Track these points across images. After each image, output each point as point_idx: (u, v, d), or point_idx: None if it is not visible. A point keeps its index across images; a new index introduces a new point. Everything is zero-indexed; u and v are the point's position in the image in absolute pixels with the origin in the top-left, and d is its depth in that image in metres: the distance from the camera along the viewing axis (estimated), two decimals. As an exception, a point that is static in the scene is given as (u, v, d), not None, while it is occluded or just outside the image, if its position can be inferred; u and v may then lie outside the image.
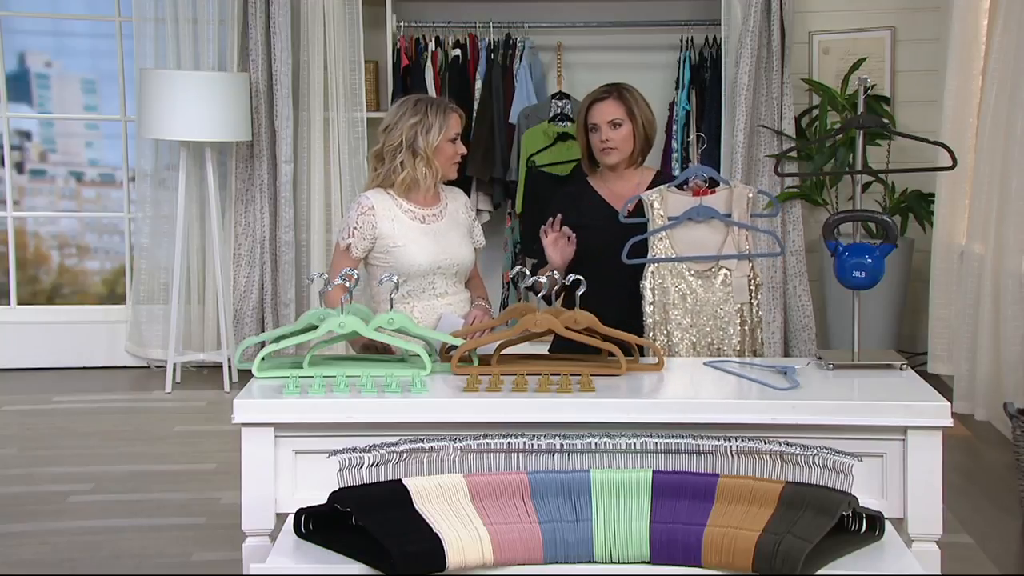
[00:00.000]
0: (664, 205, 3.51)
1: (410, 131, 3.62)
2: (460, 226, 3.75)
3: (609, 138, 3.73)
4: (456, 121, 3.69)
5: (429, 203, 3.72)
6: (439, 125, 3.63)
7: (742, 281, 3.51)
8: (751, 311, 3.52)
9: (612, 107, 3.74)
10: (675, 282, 3.52)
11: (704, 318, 3.51)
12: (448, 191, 3.80)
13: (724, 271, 3.51)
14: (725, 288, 3.51)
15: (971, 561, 3.95)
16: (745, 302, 3.51)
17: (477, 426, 2.73)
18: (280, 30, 6.47)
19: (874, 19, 6.68)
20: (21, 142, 7.30)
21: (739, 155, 6.33)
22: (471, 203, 3.91)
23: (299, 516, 2.64)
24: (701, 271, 3.51)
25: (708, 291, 3.51)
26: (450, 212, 3.75)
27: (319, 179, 6.65)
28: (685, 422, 2.74)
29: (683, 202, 3.51)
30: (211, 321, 6.68)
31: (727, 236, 3.50)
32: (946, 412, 2.77)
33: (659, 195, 3.53)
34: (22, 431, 5.68)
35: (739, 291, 3.50)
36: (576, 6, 6.79)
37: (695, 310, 3.51)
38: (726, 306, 3.51)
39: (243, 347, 3.36)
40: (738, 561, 2.42)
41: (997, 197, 5.31)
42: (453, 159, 3.70)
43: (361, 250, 3.64)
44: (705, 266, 3.51)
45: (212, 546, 4.10)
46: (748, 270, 3.52)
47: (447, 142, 3.65)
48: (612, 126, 3.73)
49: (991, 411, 5.27)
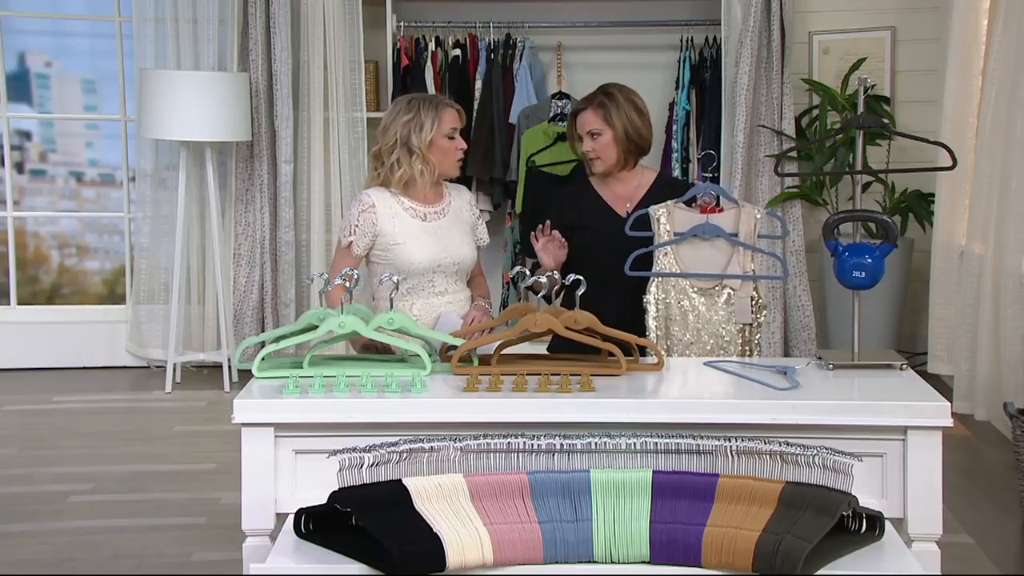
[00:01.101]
0: (671, 220, 3.52)
1: (403, 129, 3.63)
2: (463, 224, 3.75)
3: (590, 148, 3.75)
4: (452, 116, 3.67)
5: (431, 201, 3.71)
6: (431, 121, 3.62)
7: (745, 302, 3.50)
8: (751, 333, 3.52)
9: (590, 117, 3.75)
10: (678, 298, 3.52)
11: (705, 336, 3.51)
12: (452, 188, 3.80)
13: (728, 290, 3.51)
14: (728, 307, 3.50)
15: (971, 561, 3.95)
16: (747, 323, 3.51)
17: (477, 426, 2.73)
18: (280, 30, 6.47)
19: (874, 19, 6.68)
20: (21, 142, 7.30)
21: (739, 155, 6.33)
22: (475, 201, 3.90)
23: (299, 516, 2.64)
24: (705, 289, 3.51)
25: (711, 309, 3.51)
26: (453, 210, 3.74)
27: (319, 179, 6.65)
28: (685, 422, 2.74)
29: (690, 218, 3.51)
30: (211, 321, 6.68)
31: (732, 256, 3.50)
32: (946, 412, 2.77)
33: (666, 210, 3.53)
34: (22, 431, 5.68)
35: (741, 312, 3.50)
36: (576, 6, 6.79)
37: (696, 327, 3.51)
38: (728, 326, 3.50)
39: (243, 347, 3.36)
40: (738, 561, 2.42)
41: (997, 197, 5.31)
42: (452, 155, 3.68)
43: (362, 248, 3.64)
44: (709, 284, 3.51)
45: (212, 546, 4.10)
46: (751, 291, 3.51)
47: (443, 138, 3.64)
48: (591, 136, 3.75)
49: (991, 411, 5.27)
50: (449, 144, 3.67)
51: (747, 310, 3.50)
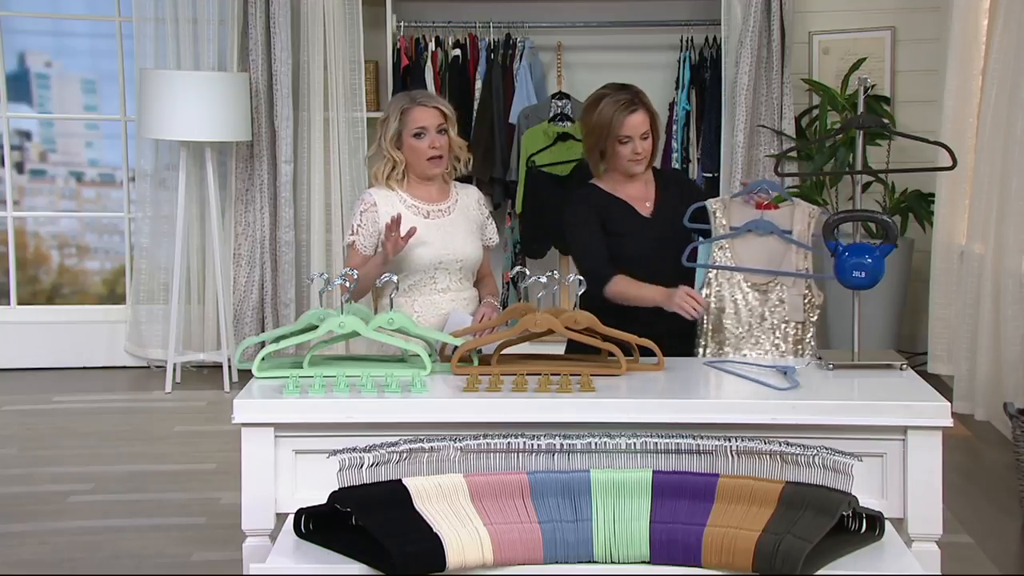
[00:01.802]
0: (727, 215, 3.53)
1: (380, 127, 3.68)
2: (470, 223, 3.73)
3: (643, 149, 3.68)
4: (423, 115, 3.61)
5: (435, 198, 3.71)
6: (395, 119, 3.62)
7: (797, 299, 3.50)
8: (804, 331, 3.51)
9: (643, 119, 3.67)
10: (731, 292, 3.52)
11: (757, 332, 3.51)
12: (460, 187, 3.79)
13: (781, 286, 3.51)
14: (781, 305, 3.50)
15: (971, 561, 3.95)
16: (800, 321, 3.50)
17: (477, 426, 2.73)
18: (280, 30, 6.47)
19: (874, 19, 6.68)
20: (21, 142, 7.30)
21: (739, 155, 6.33)
22: (485, 200, 3.87)
23: (299, 516, 2.64)
24: (758, 284, 3.51)
25: (763, 305, 3.51)
26: (460, 208, 3.73)
27: (319, 179, 6.65)
28: (685, 422, 2.74)
29: (746, 213, 3.52)
30: (211, 321, 6.68)
31: (786, 252, 3.50)
32: (946, 412, 2.77)
33: (722, 204, 3.55)
34: (22, 431, 5.68)
35: (793, 309, 3.50)
36: (576, 6, 6.79)
37: (749, 322, 3.51)
38: (778, 322, 3.49)
39: (243, 347, 3.36)
40: (738, 561, 2.42)
41: (997, 197, 5.31)
42: (421, 154, 3.62)
43: (369, 247, 3.65)
44: (763, 280, 3.51)
45: (212, 546, 4.10)
46: (804, 289, 3.51)
47: (410, 137, 3.62)
48: (643, 137, 3.69)
49: (991, 411, 5.27)
50: (416, 143, 3.62)
51: (799, 307, 3.50)
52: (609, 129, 3.64)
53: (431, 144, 3.62)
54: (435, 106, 3.64)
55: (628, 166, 3.69)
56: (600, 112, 3.66)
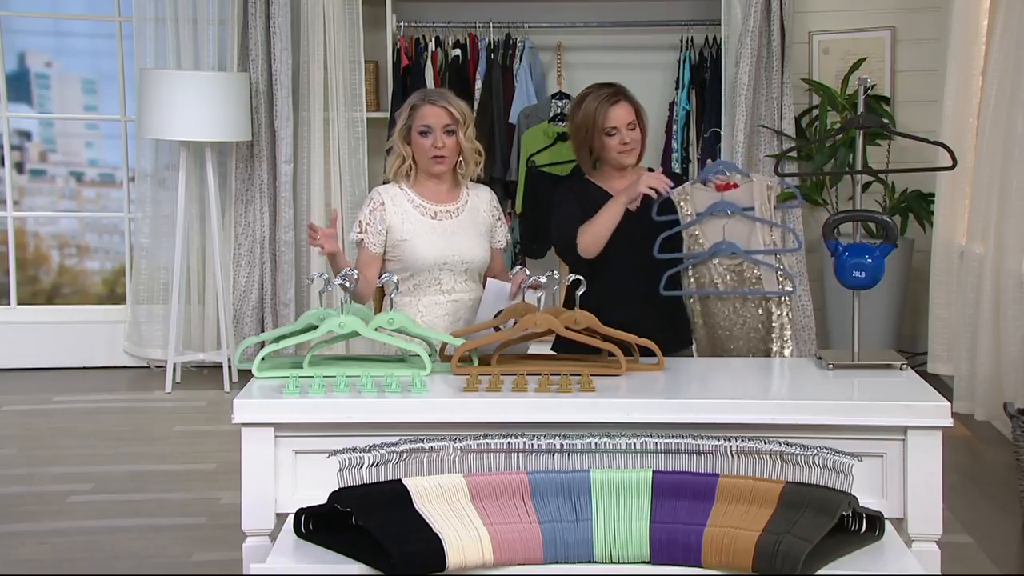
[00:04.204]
0: (691, 203, 3.58)
1: (397, 120, 3.73)
2: (478, 224, 3.73)
3: (631, 139, 3.73)
4: (429, 113, 3.64)
5: (444, 199, 3.72)
6: (405, 115, 3.68)
7: (770, 274, 3.57)
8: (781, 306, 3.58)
9: (627, 109, 3.73)
10: (710, 277, 3.59)
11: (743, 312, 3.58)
12: (472, 188, 3.79)
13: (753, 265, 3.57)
14: (759, 282, 3.57)
15: (971, 561, 3.95)
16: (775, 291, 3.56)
17: (477, 426, 2.73)
18: (280, 30, 6.47)
19: (874, 19, 6.68)
20: (21, 142, 7.30)
21: (739, 155, 6.32)
22: (497, 202, 3.87)
23: (299, 516, 2.64)
24: (732, 266, 3.57)
25: (742, 285, 3.58)
26: (470, 209, 3.74)
27: (319, 179, 6.65)
28: (685, 422, 2.74)
29: (708, 197, 3.56)
30: (211, 321, 6.68)
31: (752, 229, 3.55)
32: (946, 412, 2.77)
33: (685, 193, 3.60)
34: (22, 431, 5.68)
35: (767, 280, 3.57)
36: (576, 6, 6.79)
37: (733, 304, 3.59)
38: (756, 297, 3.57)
39: (243, 347, 3.36)
40: (738, 561, 2.42)
41: (997, 197, 5.31)
42: (424, 152, 3.66)
43: (378, 245, 3.67)
44: (735, 259, 3.55)
45: (212, 546, 4.10)
46: (773, 259, 3.57)
47: (415, 134, 3.66)
48: (630, 128, 3.74)
49: (991, 411, 5.27)
50: (421, 141, 3.66)
51: (773, 280, 3.56)
52: (594, 123, 3.71)
53: (434, 143, 3.65)
54: (443, 106, 3.65)
55: (618, 158, 3.74)
56: (584, 108, 3.75)
